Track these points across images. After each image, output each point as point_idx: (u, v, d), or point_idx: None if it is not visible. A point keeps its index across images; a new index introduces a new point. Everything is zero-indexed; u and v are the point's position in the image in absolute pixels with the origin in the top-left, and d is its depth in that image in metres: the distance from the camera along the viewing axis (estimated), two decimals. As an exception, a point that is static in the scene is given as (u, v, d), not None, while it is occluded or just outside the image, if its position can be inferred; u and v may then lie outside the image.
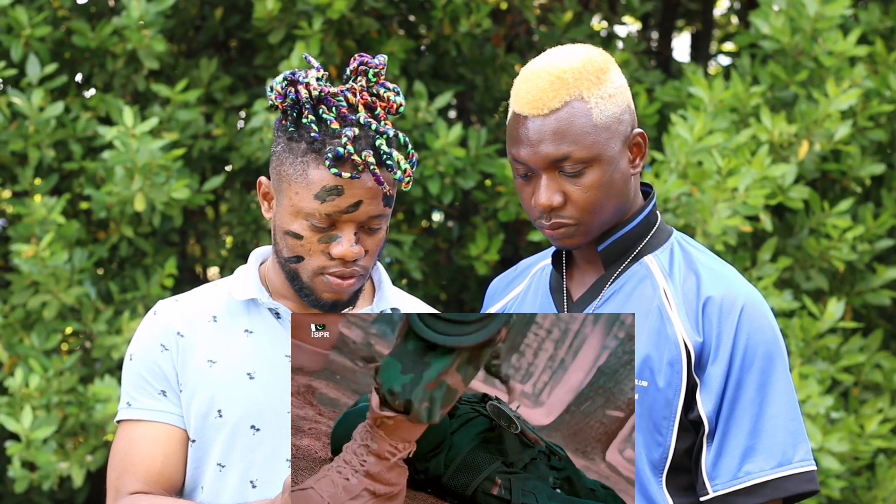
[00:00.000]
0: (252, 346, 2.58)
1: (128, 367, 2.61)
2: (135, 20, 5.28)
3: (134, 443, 2.57)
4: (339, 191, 2.46)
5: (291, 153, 2.50)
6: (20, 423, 4.96)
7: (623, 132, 2.49)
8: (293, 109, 2.51)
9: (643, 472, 2.46)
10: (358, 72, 2.54)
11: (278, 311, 2.60)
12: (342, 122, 2.49)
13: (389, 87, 2.54)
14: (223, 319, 2.61)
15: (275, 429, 2.55)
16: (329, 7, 5.28)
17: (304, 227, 2.50)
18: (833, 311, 5.25)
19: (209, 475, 2.57)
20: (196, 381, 2.57)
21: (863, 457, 5.31)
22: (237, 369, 2.56)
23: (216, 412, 2.55)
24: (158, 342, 2.59)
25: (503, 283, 2.76)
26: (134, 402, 2.59)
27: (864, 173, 5.57)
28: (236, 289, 2.62)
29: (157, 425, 2.57)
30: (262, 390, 2.55)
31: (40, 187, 5.44)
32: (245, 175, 5.83)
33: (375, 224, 2.51)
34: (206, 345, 2.58)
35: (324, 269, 2.51)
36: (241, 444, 2.55)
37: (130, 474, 2.56)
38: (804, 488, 2.45)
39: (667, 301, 2.49)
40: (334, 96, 2.50)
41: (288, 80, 2.51)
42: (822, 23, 5.40)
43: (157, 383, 2.58)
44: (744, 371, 2.44)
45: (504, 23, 6.25)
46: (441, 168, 5.43)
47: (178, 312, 2.61)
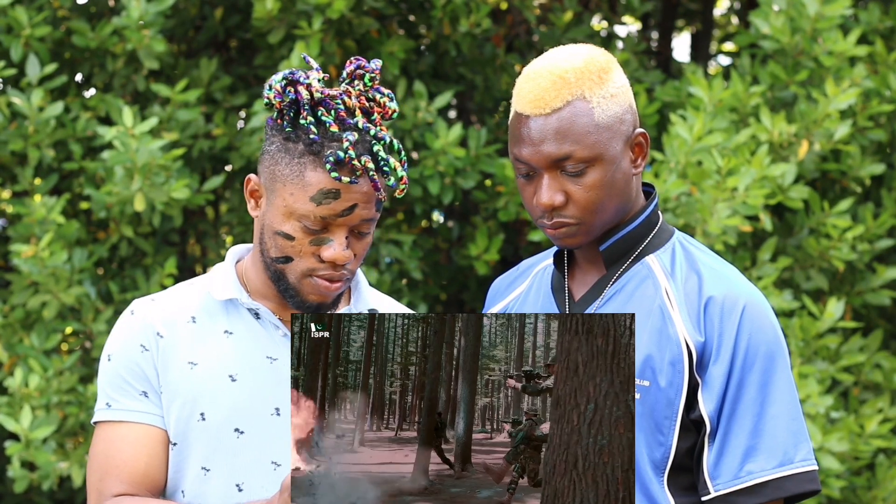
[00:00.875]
0: (232, 348, 2.56)
1: (105, 368, 2.58)
2: (135, 20, 5.28)
3: (116, 444, 2.55)
4: (336, 194, 2.46)
5: (287, 153, 2.49)
6: (20, 423, 4.96)
7: (625, 132, 2.49)
8: (290, 109, 2.50)
9: (645, 472, 2.46)
10: (354, 75, 2.53)
11: (258, 311, 2.58)
12: (341, 125, 2.48)
13: (384, 93, 2.53)
14: (202, 320, 2.59)
15: (259, 431, 2.53)
16: (329, 7, 5.28)
17: (296, 229, 2.49)
18: (833, 311, 5.24)
19: (191, 478, 2.55)
20: (177, 384, 2.54)
21: (863, 457, 5.31)
22: (218, 371, 2.55)
23: (199, 415, 2.54)
24: (138, 342, 2.56)
25: (505, 283, 2.76)
26: (114, 402, 2.56)
27: (863, 173, 5.57)
28: (215, 288, 2.60)
29: (140, 426, 2.55)
30: (244, 393, 2.54)
31: (40, 187, 5.43)
32: (245, 175, 5.81)
33: (366, 228, 2.51)
34: (186, 346, 2.56)
35: (312, 272, 2.50)
36: (225, 448, 2.54)
37: (113, 476, 2.53)
38: (806, 488, 2.45)
39: (668, 301, 2.49)
40: (333, 99, 2.49)
41: (287, 80, 2.49)
42: (822, 23, 5.39)
43: (137, 384, 2.55)
44: (745, 371, 2.44)
45: (504, 23, 6.25)
46: (441, 168, 5.43)
47: (157, 312, 2.59)
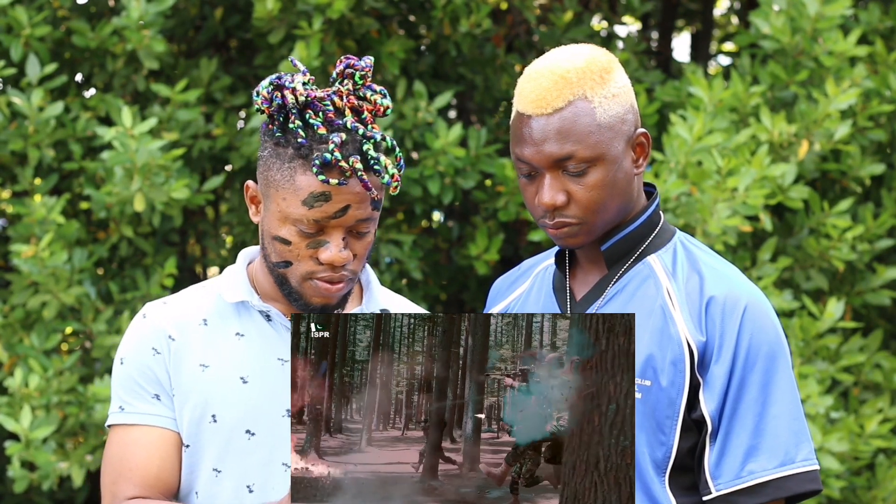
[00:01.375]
0: (244, 350, 2.57)
1: (118, 371, 2.59)
2: (135, 20, 5.27)
3: (129, 447, 2.56)
4: (327, 197, 2.45)
5: (278, 158, 2.48)
6: (20, 423, 4.95)
7: (626, 132, 2.49)
8: (279, 114, 2.49)
9: (646, 472, 2.46)
10: (344, 74, 2.52)
11: (269, 313, 2.59)
12: (329, 127, 2.47)
13: (376, 90, 2.52)
14: (214, 322, 2.59)
15: (270, 433, 2.54)
16: (329, 7, 5.27)
17: (291, 233, 2.49)
18: (833, 311, 5.24)
19: (204, 480, 2.56)
20: (189, 386, 2.55)
21: (863, 457, 5.31)
22: (230, 373, 2.56)
23: (210, 417, 2.54)
24: (150, 346, 2.58)
25: (506, 283, 2.76)
26: (127, 406, 2.57)
27: (863, 173, 5.57)
28: (226, 291, 2.61)
29: (152, 429, 2.56)
30: (255, 394, 2.55)
31: (40, 187, 5.43)
32: (245, 175, 5.83)
33: (363, 228, 2.50)
34: (197, 349, 2.57)
35: (312, 274, 2.50)
36: (236, 449, 2.54)
37: (126, 479, 2.54)
38: (807, 488, 2.45)
39: (670, 301, 2.49)
40: (321, 101, 2.48)
41: (274, 85, 2.49)
42: (823, 23, 5.39)
43: (150, 387, 2.56)
44: (747, 370, 2.44)
45: (504, 23, 6.25)
46: (441, 168, 5.43)
47: (168, 315, 2.60)
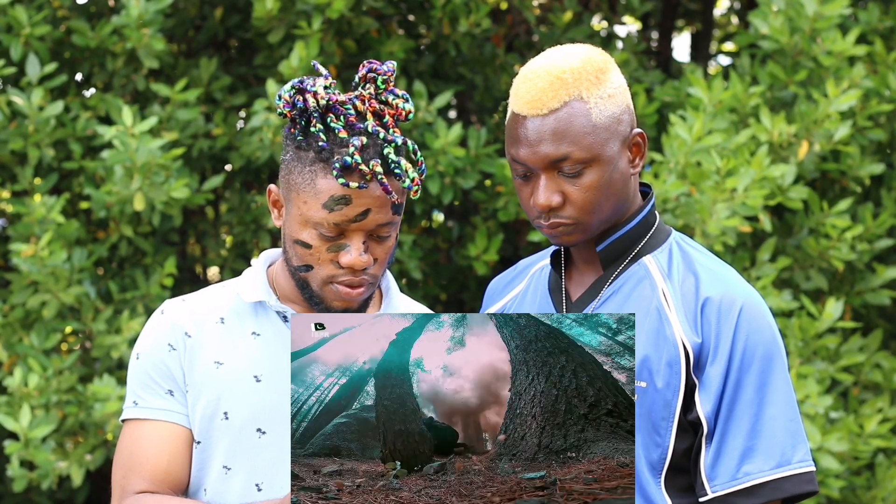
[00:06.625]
0: (259, 349, 2.58)
1: (134, 366, 2.61)
2: (134, 19, 5.28)
3: (140, 442, 2.57)
4: (347, 200, 2.46)
5: (300, 162, 2.49)
6: (19, 423, 4.96)
7: (622, 132, 2.49)
8: (301, 118, 2.50)
9: (642, 473, 2.46)
10: (367, 79, 2.52)
11: (286, 314, 2.60)
12: (350, 130, 2.48)
13: (399, 94, 2.52)
14: (231, 321, 2.61)
15: (280, 432, 2.54)
16: (328, 7, 5.28)
17: (312, 237, 2.49)
18: (832, 311, 5.24)
19: (213, 477, 2.57)
20: (202, 383, 2.57)
21: (862, 457, 5.31)
22: (244, 371, 2.57)
23: (222, 414, 2.56)
24: (166, 342, 2.59)
25: (502, 283, 2.76)
26: (140, 401, 2.59)
27: (863, 173, 5.57)
28: (245, 291, 2.62)
29: (164, 424, 2.57)
30: (268, 393, 2.56)
31: (40, 187, 5.43)
32: (245, 175, 5.83)
33: (384, 232, 2.50)
34: (213, 346, 2.59)
35: (333, 278, 2.51)
36: (246, 447, 2.56)
37: (136, 473, 2.56)
38: (803, 489, 2.45)
39: (665, 302, 2.49)
40: (342, 104, 2.49)
41: (296, 89, 2.49)
42: (821, 23, 5.39)
43: (164, 383, 2.58)
44: (742, 372, 2.44)
45: (504, 23, 6.25)
46: (441, 168, 5.43)
47: (186, 312, 2.61)
